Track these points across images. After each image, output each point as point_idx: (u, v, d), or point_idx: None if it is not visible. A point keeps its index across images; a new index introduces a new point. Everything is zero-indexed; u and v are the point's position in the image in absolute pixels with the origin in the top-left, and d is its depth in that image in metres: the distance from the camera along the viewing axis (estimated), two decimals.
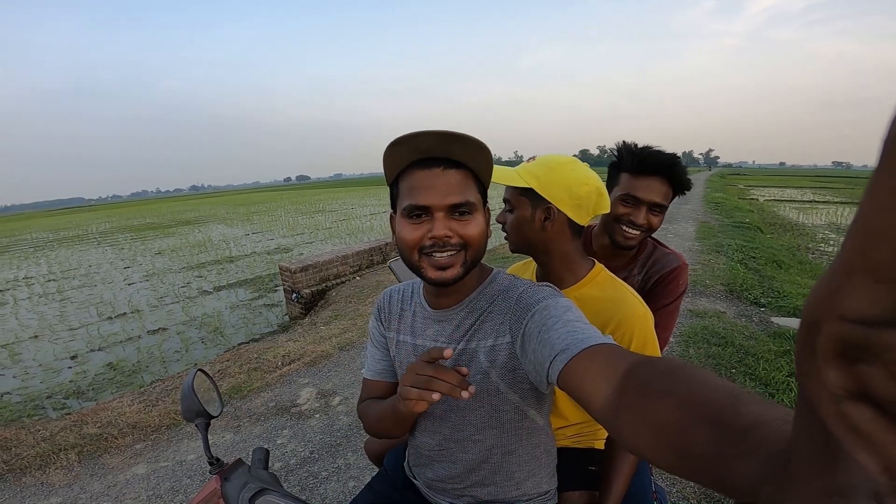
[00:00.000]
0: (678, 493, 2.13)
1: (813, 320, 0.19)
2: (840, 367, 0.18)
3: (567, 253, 1.04)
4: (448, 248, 0.77)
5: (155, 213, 42.91)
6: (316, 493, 2.22)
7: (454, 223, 0.76)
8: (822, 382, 0.19)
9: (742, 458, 0.29)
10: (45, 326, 7.42)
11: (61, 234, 25.96)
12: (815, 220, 13.57)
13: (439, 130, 0.71)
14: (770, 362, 3.31)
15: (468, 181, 0.78)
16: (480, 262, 0.86)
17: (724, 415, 0.34)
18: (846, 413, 0.18)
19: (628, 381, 0.47)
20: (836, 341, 0.18)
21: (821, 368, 0.19)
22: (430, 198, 0.75)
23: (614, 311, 0.97)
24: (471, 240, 0.78)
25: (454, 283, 0.79)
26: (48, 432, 2.91)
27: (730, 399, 0.35)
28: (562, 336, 0.64)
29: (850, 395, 0.18)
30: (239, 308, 7.58)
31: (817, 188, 31.55)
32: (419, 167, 0.77)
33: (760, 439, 0.29)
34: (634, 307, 0.98)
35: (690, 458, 0.35)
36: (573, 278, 1.04)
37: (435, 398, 0.64)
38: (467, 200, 0.76)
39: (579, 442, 1.15)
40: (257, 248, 13.75)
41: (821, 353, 0.19)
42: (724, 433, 0.32)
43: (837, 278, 0.18)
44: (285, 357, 3.96)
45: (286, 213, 26.87)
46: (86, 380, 5.17)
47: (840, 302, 0.18)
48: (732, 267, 6.18)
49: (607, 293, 1.01)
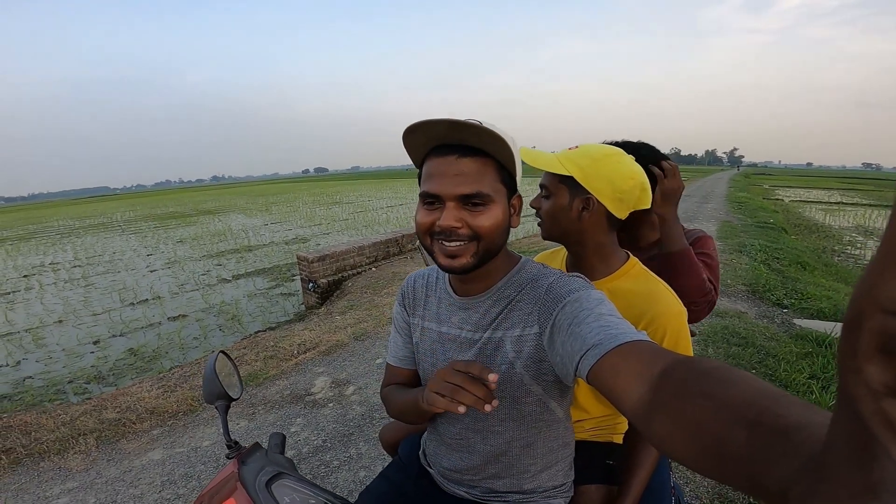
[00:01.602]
0: (691, 493, 2.09)
1: (855, 314, 0.19)
2: (881, 362, 0.18)
3: (602, 244, 1.03)
4: (455, 237, 0.75)
5: (177, 202, 43.76)
6: (327, 482, 2.24)
7: (465, 213, 0.75)
8: (863, 378, 0.19)
9: (780, 460, 0.29)
10: (69, 311, 7.63)
11: (87, 222, 26.66)
12: (843, 223, 13.22)
13: (448, 118, 0.70)
14: (791, 364, 3.22)
15: (486, 170, 0.76)
16: (504, 250, 0.84)
17: (764, 416, 0.33)
18: (886, 409, 0.18)
19: (664, 381, 0.46)
20: (877, 335, 0.18)
21: (861, 364, 0.19)
22: (440, 186, 0.75)
23: (648, 306, 0.95)
24: (482, 232, 0.76)
25: (463, 272, 0.78)
26: (68, 417, 2.98)
27: (770, 401, 0.34)
28: (594, 330, 0.63)
29: (890, 391, 0.18)
30: (256, 296, 7.69)
31: (845, 189, 30.72)
32: (437, 154, 0.77)
33: (800, 442, 0.28)
34: (669, 303, 0.96)
35: (724, 459, 0.34)
36: (606, 270, 1.03)
37: (461, 411, 0.64)
38: (479, 191, 0.74)
39: (598, 435, 1.14)
40: (275, 237, 13.92)
41: (862, 347, 0.19)
42: (762, 435, 0.31)
43: (878, 271, 0.18)
44: (301, 346, 4.00)
45: (304, 204, 27.15)
46: (107, 365, 5.30)
47: (881, 294, 0.18)
48: (755, 267, 6.04)
49: (641, 287, 0.99)
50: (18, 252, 15.43)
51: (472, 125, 0.71)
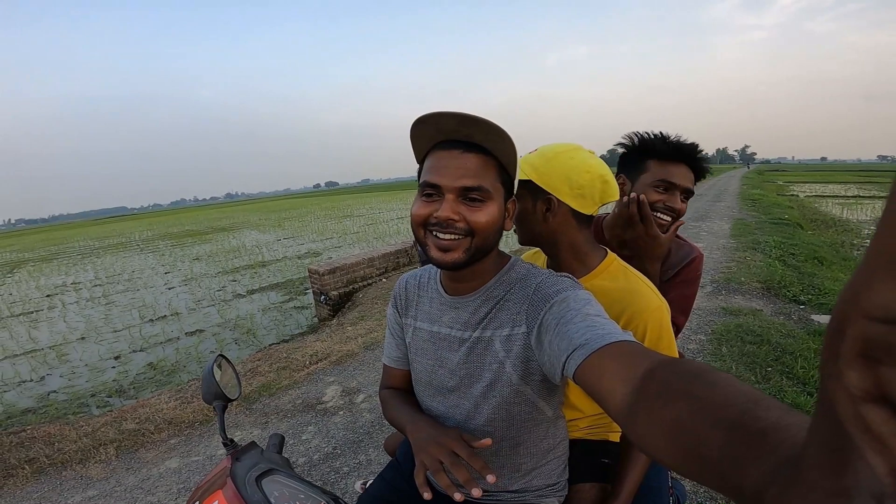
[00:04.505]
0: (699, 491, 2.06)
1: (838, 320, 0.19)
2: (861, 367, 0.18)
3: (575, 243, 1.00)
4: (451, 230, 0.76)
5: (193, 220, 44.57)
6: (337, 488, 2.26)
7: (463, 207, 0.75)
8: (843, 383, 0.19)
9: (755, 462, 0.29)
10: (91, 329, 7.81)
11: (106, 242, 27.29)
12: (860, 216, 12.92)
13: (459, 112, 0.71)
14: (809, 361, 3.16)
15: (488, 167, 0.76)
16: (496, 249, 0.85)
17: (744, 418, 0.33)
18: (863, 414, 0.18)
19: (647, 381, 0.47)
20: (859, 341, 0.18)
21: (842, 369, 0.19)
22: (442, 177, 0.75)
23: (627, 303, 0.93)
24: (478, 227, 0.76)
25: (454, 268, 0.78)
26: (90, 428, 3.06)
27: (750, 403, 0.34)
28: (581, 330, 0.63)
29: (868, 396, 0.18)
30: (270, 310, 7.78)
31: (862, 183, 30.01)
32: (441, 148, 0.78)
33: (777, 444, 0.29)
34: (648, 299, 0.94)
35: (702, 460, 0.34)
36: (584, 269, 1.01)
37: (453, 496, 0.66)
38: (480, 185, 0.75)
39: (593, 434, 1.12)
40: (288, 252, 14.08)
41: (843, 353, 0.19)
42: (739, 436, 0.32)
43: (863, 277, 0.18)
44: (313, 356, 4.04)
45: (315, 218, 27.42)
46: (127, 379, 5.42)
47: (864, 300, 0.18)
48: (770, 264, 5.93)
49: (620, 284, 0.97)
50: (41, 273, 15.85)
51: (482, 120, 0.71)
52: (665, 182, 1.20)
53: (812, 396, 2.74)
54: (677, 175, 1.20)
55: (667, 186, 1.20)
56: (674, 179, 1.19)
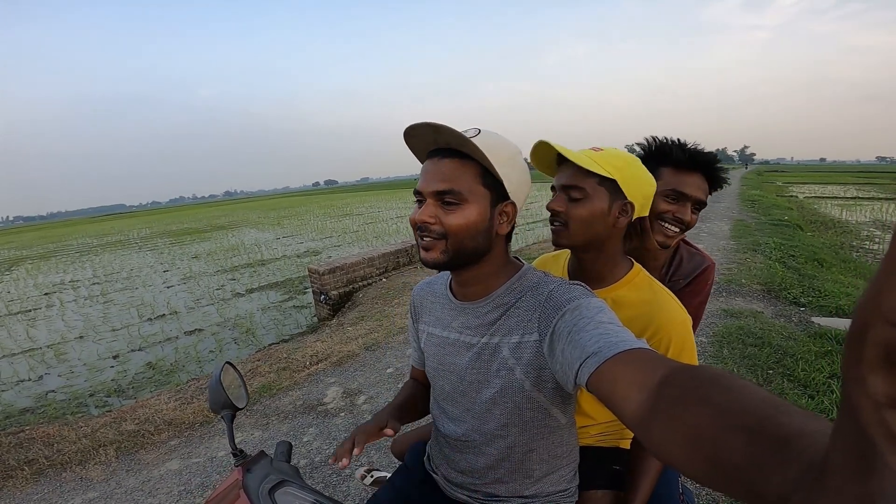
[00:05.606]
0: (708, 497, 2.06)
1: (859, 325, 0.19)
2: (885, 373, 0.18)
3: (616, 252, 1.01)
4: (426, 232, 0.78)
5: (192, 218, 44.45)
6: (339, 490, 2.25)
7: (440, 211, 0.78)
8: (866, 388, 0.19)
9: (779, 468, 0.29)
10: (89, 327, 7.78)
11: (105, 240, 27.21)
12: (860, 217, 12.96)
13: (429, 122, 0.74)
14: (810, 363, 3.16)
15: (465, 170, 0.77)
16: (506, 256, 0.86)
17: (765, 424, 0.33)
18: (886, 419, 0.18)
19: (663, 389, 0.46)
20: (881, 346, 0.18)
21: (865, 374, 0.19)
22: (422, 183, 0.79)
23: (652, 316, 0.93)
24: (451, 229, 0.77)
25: (435, 266, 0.81)
26: (89, 429, 3.05)
27: (771, 409, 0.34)
28: (594, 338, 0.63)
29: (891, 401, 0.18)
30: (270, 310, 7.76)
31: (861, 184, 30.12)
32: (429, 156, 0.82)
33: (801, 450, 0.28)
34: (674, 312, 0.94)
35: (724, 468, 0.33)
36: (612, 278, 1.00)
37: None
38: (452, 189, 0.76)
39: (604, 441, 1.12)
40: (287, 251, 14.05)
41: (866, 358, 0.19)
42: (762, 443, 0.31)
43: (883, 282, 0.18)
44: (313, 357, 4.03)
45: (315, 217, 27.38)
46: (126, 378, 5.39)
47: (886, 305, 0.18)
48: (770, 265, 5.94)
49: (645, 295, 0.97)
50: (39, 270, 15.79)
51: (444, 128, 0.73)
52: (676, 192, 1.18)
53: (813, 399, 2.74)
54: (690, 185, 1.17)
55: (677, 196, 1.18)
56: (685, 190, 1.17)
